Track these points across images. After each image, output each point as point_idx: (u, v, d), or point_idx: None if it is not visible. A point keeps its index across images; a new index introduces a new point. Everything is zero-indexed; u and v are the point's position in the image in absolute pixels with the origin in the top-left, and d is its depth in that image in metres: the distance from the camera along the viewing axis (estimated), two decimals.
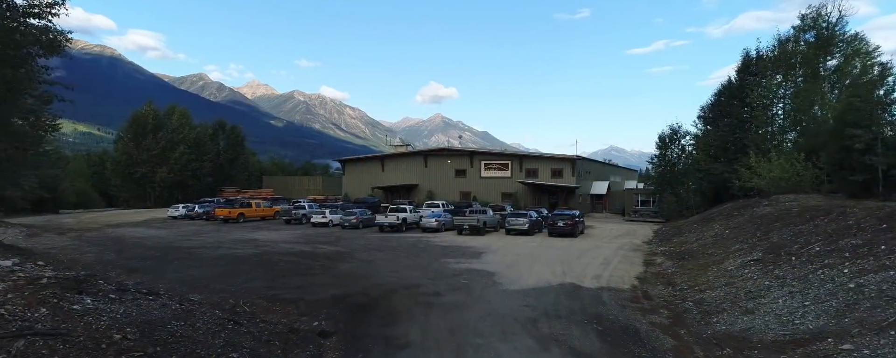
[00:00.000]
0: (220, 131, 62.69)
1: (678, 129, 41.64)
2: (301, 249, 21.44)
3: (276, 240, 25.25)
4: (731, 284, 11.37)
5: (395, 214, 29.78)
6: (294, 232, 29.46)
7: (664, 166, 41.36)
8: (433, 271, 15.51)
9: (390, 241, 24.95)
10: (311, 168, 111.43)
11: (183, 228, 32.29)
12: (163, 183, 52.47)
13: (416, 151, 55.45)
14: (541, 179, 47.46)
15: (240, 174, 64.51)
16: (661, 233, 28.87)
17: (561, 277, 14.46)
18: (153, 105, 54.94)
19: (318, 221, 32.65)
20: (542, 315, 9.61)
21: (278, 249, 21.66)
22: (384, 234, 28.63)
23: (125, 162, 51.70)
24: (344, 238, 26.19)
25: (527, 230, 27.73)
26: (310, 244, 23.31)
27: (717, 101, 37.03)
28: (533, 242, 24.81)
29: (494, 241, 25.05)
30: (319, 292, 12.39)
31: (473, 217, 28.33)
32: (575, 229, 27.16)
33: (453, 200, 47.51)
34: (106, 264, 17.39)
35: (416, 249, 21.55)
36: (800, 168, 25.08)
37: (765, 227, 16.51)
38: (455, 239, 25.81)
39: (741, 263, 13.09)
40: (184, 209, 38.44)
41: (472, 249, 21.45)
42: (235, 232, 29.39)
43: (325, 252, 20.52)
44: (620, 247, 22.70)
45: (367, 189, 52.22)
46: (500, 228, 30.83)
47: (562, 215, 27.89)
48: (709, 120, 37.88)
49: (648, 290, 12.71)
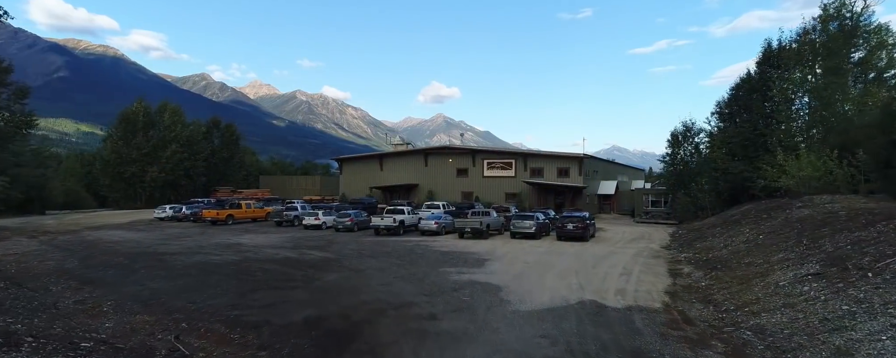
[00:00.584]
0: (215, 129, 60.74)
1: (691, 126, 39.50)
2: (286, 256, 19.42)
3: (261, 244, 23.24)
4: (791, 305, 9.29)
5: (392, 216, 27.74)
6: (283, 235, 27.45)
7: (677, 165, 39.20)
8: (430, 284, 13.47)
9: (386, 245, 22.92)
10: (311, 168, 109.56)
11: (167, 230, 30.32)
12: (154, 183, 50.54)
13: (417, 150, 53.36)
14: (546, 179, 45.37)
15: (236, 174, 62.59)
16: (678, 236, 26.74)
17: (579, 292, 12.39)
18: (144, 102, 53.02)
19: (311, 223, 30.64)
20: (567, 353, 7.53)
21: (261, 255, 19.65)
22: (380, 237, 26.59)
23: (114, 161, 49.76)
24: (336, 242, 24.17)
25: (534, 234, 25.66)
26: (297, 249, 21.29)
27: (735, 96, 34.80)
28: (541, 247, 22.73)
29: (499, 245, 22.98)
30: (292, 313, 10.37)
31: (476, 220, 26.26)
32: (586, 233, 25.07)
33: (455, 201, 45.55)
34: (62, 274, 15.40)
35: (412, 255, 19.50)
36: (833, 166, 22.93)
37: (810, 233, 14.39)
38: (456, 243, 23.76)
39: (794, 277, 11.00)
40: (171, 210, 36.51)
41: (474, 255, 19.38)
42: (221, 235, 27.41)
43: (311, 259, 18.49)
44: (638, 253, 20.60)
45: (366, 189, 50.20)
46: (504, 230, 28.77)
47: (571, 217, 25.78)
48: (725, 116, 35.66)
49: (685, 310, 10.63)
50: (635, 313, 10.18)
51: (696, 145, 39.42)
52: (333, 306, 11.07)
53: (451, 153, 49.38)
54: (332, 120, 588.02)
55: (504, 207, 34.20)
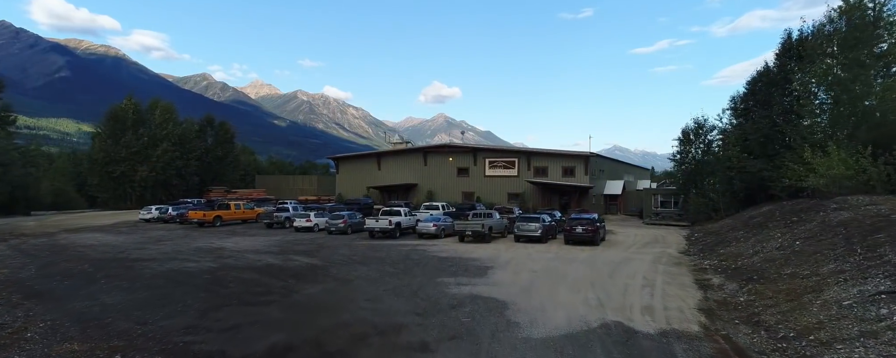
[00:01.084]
0: (209, 128, 59.00)
1: (704, 122, 37.57)
2: (269, 262, 17.63)
3: (245, 249, 21.46)
4: (872, 334, 7.46)
5: (388, 218, 25.93)
6: (271, 238, 25.68)
7: (688, 164, 37.30)
8: (424, 299, 11.66)
9: (379, 250, 21.13)
10: (311, 168, 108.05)
11: (149, 233, 28.58)
12: (144, 182, 48.78)
13: (415, 148, 51.52)
14: (551, 178, 43.53)
15: (230, 173, 60.89)
16: (696, 240, 24.87)
17: (599, 310, 10.57)
18: (134, 99, 51.28)
19: (302, 225, 28.85)
20: None
21: (242, 261, 17.86)
22: (374, 241, 24.79)
23: (103, 160, 48.00)
24: (326, 247, 22.38)
25: (539, 237, 23.84)
26: (282, 255, 19.50)
27: (751, 91, 32.90)
28: (548, 251, 20.91)
29: (502, 250, 21.16)
30: (256, 340, 8.57)
31: (477, 222, 24.43)
32: (596, 236, 23.24)
33: (455, 202, 43.76)
34: (9, 286, 13.63)
35: (407, 262, 17.69)
36: (866, 164, 21.06)
37: (861, 240, 12.54)
38: (456, 248, 21.95)
39: (860, 294, 9.17)
40: (157, 211, 34.79)
41: (475, 262, 17.57)
42: (204, 238, 25.64)
43: (295, 266, 16.69)
44: (656, 259, 18.76)
45: (363, 189, 48.41)
46: (507, 233, 26.97)
47: (580, 220, 23.93)
48: (740, 112, 33.76)
49: (731, 335, 8.81)
50: (673, 341, 8.35)
51: (708, 143, 37.50)
52: (308, 329, 9.27)
53: (452, 152, 47.54)
54: (334, 120, 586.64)
55: (507, 209, 32.33)
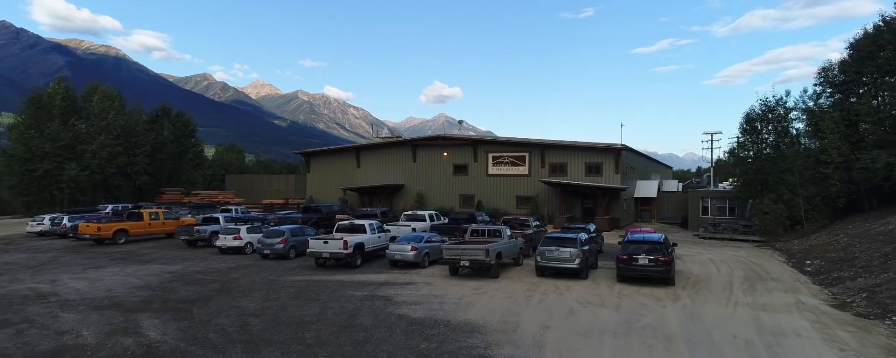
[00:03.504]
0: (164, 118, 50.26)
1: (777, 103, 28.50)
2: (77, 343, 8.80)
3: (83, 296, 12.63)
4: None
5: (343, 238, 17.00)
6: (165, 267, 16.87)
7: (759, 159, 28.26)
8: None
9: (320, 294, 12.39)
10: (303, 167, 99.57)
11: (3, 256, 19.81)
12: (75, 183, 40.07)
13: (403, 141, 42.46)
14: (571, 178, 34.53)
15: (191, 172, 52.20)
16: (817, 270, 15.85)
17: None
18: (65, 83, 42.57)
19: (228, 244, 20.03)
20: None
21: (28, 337, 9.05)
22: (320, 273, 15.95)
23: (21, 155, 39.26)
24: (233, 288, 13.57)
25: (577, 270, 14.95)
26: (130, 314, 10.66)
27: (858, 57, 23.86)
28: (595, 296, 12.15)
29: (521, 298, 12.29)
30: None
31: (478, 248, 15.45)
32: (670, 271, 14.29)
33: (450, 208, 34.90)
34: None
35: (350, 333, 8.87)
36: None
37: None
38: (444, 293, 13.09)
39: None
40: (49, 223, 26.11)
41: (477, 334, 8.70)
42: (60, 268, 16.85)
43: (138, 349, 7.86)
44: (817, 326, 9.84)
45: (338, 191, 39.56)
46: (522, 258, 18.11)
47: (641, 243, 14.90)
48: (841, 86, 24.76)
49: None
50: None
51: (783, 130, 28.45)
52: None
53: (447, 144, 38.53)
54: (335, 120, 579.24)
55: (521, 220, 22.97)
